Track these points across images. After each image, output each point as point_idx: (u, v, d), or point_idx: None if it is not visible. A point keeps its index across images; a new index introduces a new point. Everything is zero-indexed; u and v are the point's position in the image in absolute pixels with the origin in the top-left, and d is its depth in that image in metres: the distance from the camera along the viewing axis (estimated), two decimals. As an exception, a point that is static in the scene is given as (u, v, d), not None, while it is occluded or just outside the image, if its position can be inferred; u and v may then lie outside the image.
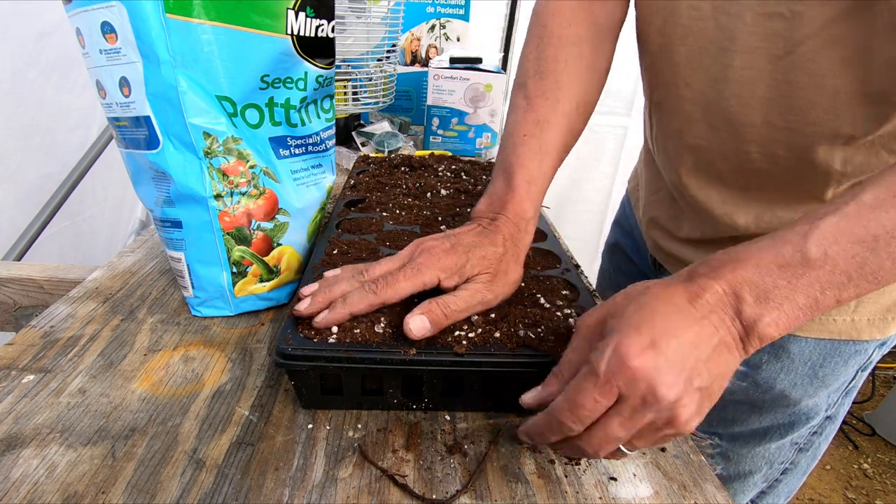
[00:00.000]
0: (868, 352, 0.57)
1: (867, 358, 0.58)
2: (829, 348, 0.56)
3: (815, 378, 0.58)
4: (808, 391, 0.59)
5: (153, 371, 0.46)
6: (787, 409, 0.61)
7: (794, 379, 0.58)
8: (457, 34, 1.43)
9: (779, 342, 0.57)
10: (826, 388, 0.59)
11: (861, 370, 0.59)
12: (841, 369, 0.57)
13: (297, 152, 0.53)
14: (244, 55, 0.45)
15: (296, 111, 0.51)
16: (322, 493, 0.36)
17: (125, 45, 0.42)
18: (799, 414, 0.61)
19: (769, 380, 0.59)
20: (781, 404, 0.61)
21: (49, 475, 0.35)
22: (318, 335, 0.41)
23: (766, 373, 0.59)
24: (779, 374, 0.58)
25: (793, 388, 0.59)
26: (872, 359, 0.58)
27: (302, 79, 0.50)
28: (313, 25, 0.48)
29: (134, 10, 0.40)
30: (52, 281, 0.60)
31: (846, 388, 0.60)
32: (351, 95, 1.07)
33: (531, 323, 0.44)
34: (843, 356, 0.57)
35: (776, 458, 0.65)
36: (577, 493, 0.38)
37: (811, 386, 0.58)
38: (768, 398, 0.61)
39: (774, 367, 0.58)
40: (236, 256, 0.51)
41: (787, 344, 0.57)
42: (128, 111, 0.45)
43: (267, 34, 0.46)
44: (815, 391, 0.59)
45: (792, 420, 0.61)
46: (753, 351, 0.35)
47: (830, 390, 0.59)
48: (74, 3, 0.43)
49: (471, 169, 0.86)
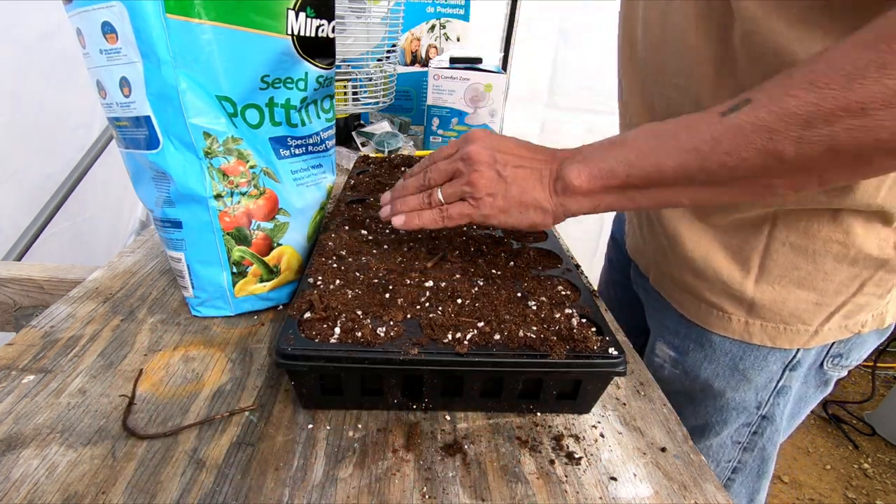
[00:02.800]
0: (790, 352, 0.57)
1: (791, 358, 0.58)
2: (747, 343, 0.58)
3: (736, 371, 0.60)
4: (730, 383, 0.61)
5: (153, 371, 0.46)
6: (715, 402, 0.63)
7: (717, 369, 0.61)
8: (457, 34, 1.43)
9: (702, 332, 0.60)
10: (749, 382, 0.60)
11: (788, 370, 0.58)
12: (762, 365, 0.58)
13: (297, 152, 0.53)
14: (244, 55, 0.45)
15: (296, 111, 0.51)
16: (322, 493, 0.36)
17: (125, 45, 0.42)
18: (728, 408, 0.63)
19: (694, 367, 0.62)
20: (709, 395, 0.63)
21: (49, 475, 0.35)
22: (318, 335, 0.41)
23: (691, 360, 0.62)
24: (702, 363, 0.61)
25: (715, 377, 0.61)
26: (800, 361, 0.58)
27: (302, 79, 0.50)
28: (314, 25, 0.48)
29: (134, 10, 0.40)
30: (52, 281, 0.60)
31: (776, 387, 0.60)
32: (351, 95, 1.07)
33: (531, 323, 0.44)
34: (762, 352, 0.58)
35: (720, 456, 0.67)
36: (577, 493, 0.38)
37: (732, 378, 0.60)
38: (697, 388, 0.63)
39: (699, 355, 0.61)
40: (236, 256, 0.51)
41: (710, 334, 0.59)
42: (128, 111, 0.45)
43: (267, 34, 0.45)
44: (738, 384, 0.60)
45: (724, 416, 0.63)
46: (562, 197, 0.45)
47: (757, 386, 0.60)
48: (75, 3, 0.43)
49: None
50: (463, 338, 0.41)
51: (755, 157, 0.36)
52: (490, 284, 0.50)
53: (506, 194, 0.46)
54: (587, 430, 0.44)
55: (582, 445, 0.42)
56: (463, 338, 0.41)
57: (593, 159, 0.44)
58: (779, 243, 0.51)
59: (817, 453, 1.90)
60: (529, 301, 0.47)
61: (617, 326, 0.58)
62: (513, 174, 0.46)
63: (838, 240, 0.49)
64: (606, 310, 0.58)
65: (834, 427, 2.01)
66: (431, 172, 0.50)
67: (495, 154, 0.46)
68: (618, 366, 0.41)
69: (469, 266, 0.53)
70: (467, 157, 0.47)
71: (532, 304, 0.47)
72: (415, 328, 0.42)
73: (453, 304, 0.46)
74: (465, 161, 0.47)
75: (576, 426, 0.44)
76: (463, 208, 0.47)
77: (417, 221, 0.49)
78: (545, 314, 0.45)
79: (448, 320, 0.43)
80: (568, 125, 1.90)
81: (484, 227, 0.63)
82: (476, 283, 0.50)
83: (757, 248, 0.53)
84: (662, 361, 0.66)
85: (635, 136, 0.43)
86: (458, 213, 0.48)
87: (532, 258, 0.57)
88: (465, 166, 0.47)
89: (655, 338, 0.68)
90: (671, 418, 0.46)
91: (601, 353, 0.41)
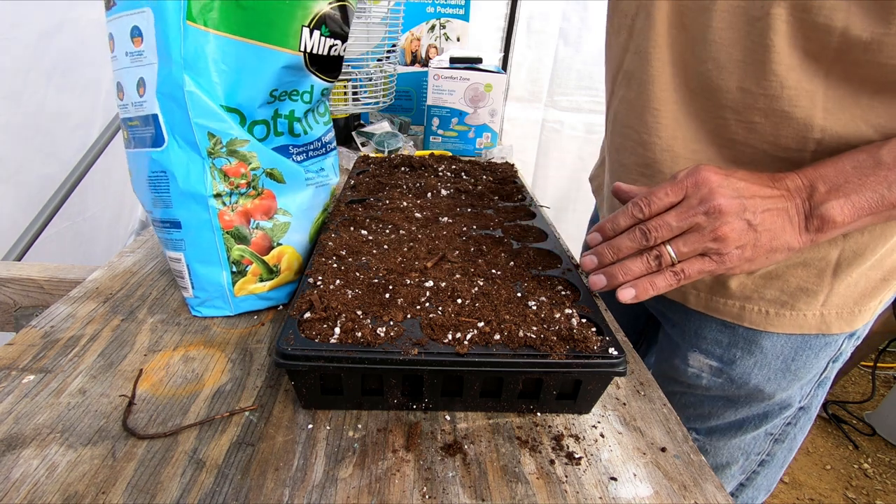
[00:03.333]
0: (838, 343, 0.58)
1: (837, 350, 0.58)
2: (800, 342, 0.57)
3: (788, 372, 0.59)
4: (781, 385, 0.60)
5: (153, 371, 0.46)
6: (761, 403, 0.62)
7: (768, 374, 0.59)
8: (457, 34, 1.43)
9: (752, 338, 0.58)
10: (799, 380, 0.60)
11: (832, 361, 0.59)
12: (812, 362, 0.58)
13: (298, 159, 0.53)
14: (256, 69, 0.46)
15: (298, 122, 0.51)
16: (322, 493, 0.36)
17: (148, 48, 0.43)
18: (773, 406, 0.62)
19: (743, 375, 0.60)
20: (756, 399, 0.62)
21: (49, 475, 0.35)
22: (318, 335, 0.41)
23: (739, 368, 0.60)
24: (752, 370, 0.59)
25: (766, 382, 0.60)
26: (843, 350, 0.59)
27: (308, 91, 0.50)
28: (327, 45, 0.49)
29: (160, 14, 0.41)
30: (52, 281, 0.60)
31: (818, 379, 0.61)
32: (351, 95, 1.06)
33: (531, 323, 0.44)
34: (814, 349, 0.57)
35: (752, 448, 0.66)
36: (577, 493, 0.38)
37: (784, 380, 0.59)
38: (743, 393, 0.62)
39: (748, 362, 0.59)
40: (236, 255, 0.51)
41: (760, 339, 0.58)
42: (140, 110, 0.46)
43: (281, 49, 0.46)
44: (789, 384, 0.60)
45: (766, 412, 0.62)
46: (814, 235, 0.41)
47: (803, 382, 0.60)
48: (115, 8, 0.45)
49: (471, 169, 0.86)
50: (463, 338, 0.41)
51: None
52: (490, 284, 0.50)
53: (755, 244, 0.41)
54: (587, 430, 0.44)
55: (582, 445, 0.42)
56: (463, 338, 0.41)
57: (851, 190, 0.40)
58: (857, 234, 0.51)
59: (817, 453, 1.89)
60: (529, 301, 0.47)
61: (617, 326, 0.58)
62: (762, 220, 0.41)
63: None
64: (606, 310, 0.58)
65: (834, 427, 2.01)
66: (656, 230, 0.42)
67: (744, 202, 0.41)
68: (618, 366, 0.41)
69: (469, 266, 0.53)
70: (715, 211, 0.40)
71: (532, 304, 0.47)
72: (415, 328, 0.42)
73: (453, 304, 0.46)
74: (711, 215, 0.40)
75: (576, 426, 0.44)
76: (703, 265, 0.42)
77: (652, 291, 0.43)
78: (545, 314, 0.45)
79: (448, 320, 0.43)
80: (568, 125, 1.90)
81: (484, 228, 0.62)
82: (476, 283, 0.50)
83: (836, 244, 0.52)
84: (699, 371, 0.64)
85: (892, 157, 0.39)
86: (696, 272, 0.42)
87: (532, 258, 0.57)
88: (708, 220, 0.41)
89: (687, 349, 0.64)
90: (671, 418, 0.46)
91: (601, 353, 0.41)
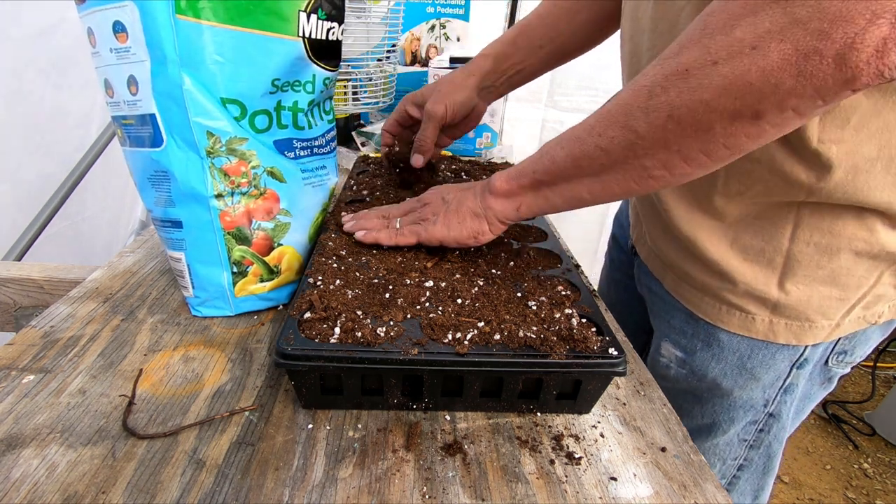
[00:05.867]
0: (798, 350, 0.58)
1: (799, 356, 0.58)
2: (755, 341, 0.58)
3: (744, 370, 0.60)
4: (738, 382, 0.61)
5: (153, 371, 0.46)
6: (723, 401, 0.64)
7: (725, 368, 0.61)
8: (457, 34, 1.43)
9: (710, 331, 0.60)
10: (756, 381, 0.60)
11: (796, 367, 0.59)
12: (769, 363, 0.59)
13: (302, 154, 0.53)
14: (255, 58, 0.45)
15: (303, 114, 0.51)
16: (322, 493, 0.36)
17: (135, 45, 0.42)
18: (735, 407, 0.63)
19: (702, 367, 0.63)
20: (717, 394, 0.64)
21: (49, 475, 0.35)
22: (318, 335, 0.41)
23: (699, 359, 0.63)
24: (710, 362, 0.62)
25: (723, 377, 0.61)
26: (807, 358, 0.58)
27: (310, 81, 0.50)
28: (324, 28, 0.48)
29: (145, 10, 0.41)
30: (52, 281, 0.60)
31: (783, 385, 0.61)
32: (351, 95, 1.06)
33: (531, 323, 0.44)
34: (770, 350, 0.58)
35: (727, 453, 0.67)
36: (577, 493, 0.38)
37: (741, 377, 0.61)
38: (704, 387, 0.64)
39: (706, 354, 0.62)
40: (237, 256, 0.51)
41: (717, 333, 0.60)
42: (134, 109, 0.45)
43: (279, 36, 0.45)
44: (746, 383, 0.61)
45: (732, 414, 0.64)
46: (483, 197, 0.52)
47: (764, 385, 0.61)
48: (88, 3, 0.44)
49: (471, 169, 0.86)
50: (463, 338, 0.41)
51: (619, 134, 0.40)
52: (490, 284, 0.50)
53: (447, 211, 0.54)
54: (587, 430, 0.44)
55: (582, 445, 0.42)
56: (463, 338, 0.41)
57: (514, 171, 0.50)
58: (803, 244, 0.51)
59: (817, 453, 1.90)
60: (529, 301, 0.47)
61: (617, 326, 0.58)
62: (453, 198, 0.55)
63: (863, 238, 0.49)
64: (606, 310, 0.58)
65: (834, 427, 2.01)
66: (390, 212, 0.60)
67: (442, 191, 0.58)
68: (618, 366, 0.41)
69: (469, 266, 0.53)
70: (424, 199, 0.58)
71: (532, 304, 0.47)
72: (415, 328, 0.42)
73: (453, 304, 0.46)
74: (421, 201, 0.59)
75: (576, 426, 0.44)
76: (413, 227, 0.56)
77: (374, 235, 0.57)
78: (545, 314, 0.45)
79: (448, 320, 0.43)
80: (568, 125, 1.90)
81: None
82: (476, 283, 0.50)
83: (780, 250, 0.52)
84: (669, 361, 0.66)
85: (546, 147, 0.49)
86: (408, 231, 0.56)
87: (532, 258, 0.57)
88: (419, 204, 0.58)
89: (661, 338, 0.67)
90: (671, 418, 0.46)
91: (601, 353, 0.41)
